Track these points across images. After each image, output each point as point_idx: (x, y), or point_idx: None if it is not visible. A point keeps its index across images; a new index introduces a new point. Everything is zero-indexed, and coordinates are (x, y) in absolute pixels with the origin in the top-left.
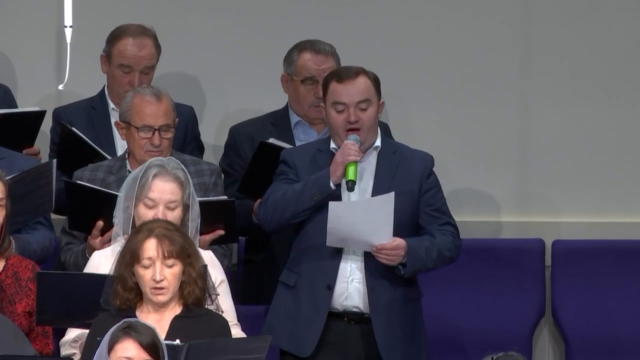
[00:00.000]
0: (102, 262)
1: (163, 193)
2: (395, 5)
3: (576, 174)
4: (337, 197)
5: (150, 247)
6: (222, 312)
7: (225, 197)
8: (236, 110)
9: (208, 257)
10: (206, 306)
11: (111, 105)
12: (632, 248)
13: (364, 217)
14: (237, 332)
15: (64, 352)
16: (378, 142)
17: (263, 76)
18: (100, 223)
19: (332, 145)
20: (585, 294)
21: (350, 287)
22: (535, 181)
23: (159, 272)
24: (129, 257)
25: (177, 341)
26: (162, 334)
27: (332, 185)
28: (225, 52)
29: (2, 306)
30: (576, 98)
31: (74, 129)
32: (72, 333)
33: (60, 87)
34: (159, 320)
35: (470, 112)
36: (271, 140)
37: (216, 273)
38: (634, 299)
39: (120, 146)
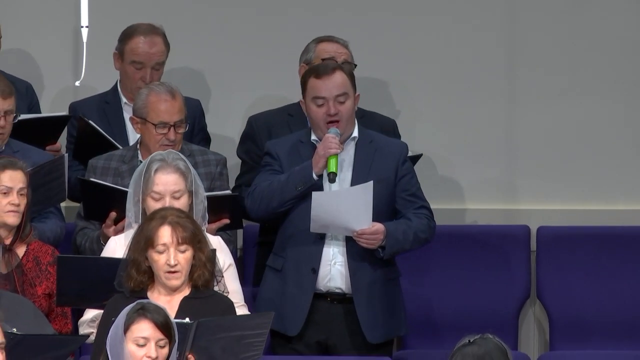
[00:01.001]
0: (117, 248)
1: (167, 185)
2: (388, 4)
3: (560, 164)
4: (319, 187)
5: (165, 234)
6: (228, 293)
7: (229, 192)
8: (239, 102)
9: (217, 242)
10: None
11: (123, 99)
12: (612, 234)
13: (345, 205)
14: (243, 312)
15: (82, 331)
16: (355, 133)
17: (269, 70)
18: (113, 214)
19: (313, 137)
20: (568, 277)
21: (333, 269)
22: (522, 171)
23: (173, 257)
24: (144, 243)
25: (187, 319)
26: (171, 313)
27: (314, 176)
28: (231, 47)
29: (24, 289)
30: (560, 91)
31: (90, 121)
32: (90, 313)
33: (77, 83)
34: (168, 301)
35: (460, 105)
36: None
37: (224, 257)
38: (613, 282)
39: (132, 138)
